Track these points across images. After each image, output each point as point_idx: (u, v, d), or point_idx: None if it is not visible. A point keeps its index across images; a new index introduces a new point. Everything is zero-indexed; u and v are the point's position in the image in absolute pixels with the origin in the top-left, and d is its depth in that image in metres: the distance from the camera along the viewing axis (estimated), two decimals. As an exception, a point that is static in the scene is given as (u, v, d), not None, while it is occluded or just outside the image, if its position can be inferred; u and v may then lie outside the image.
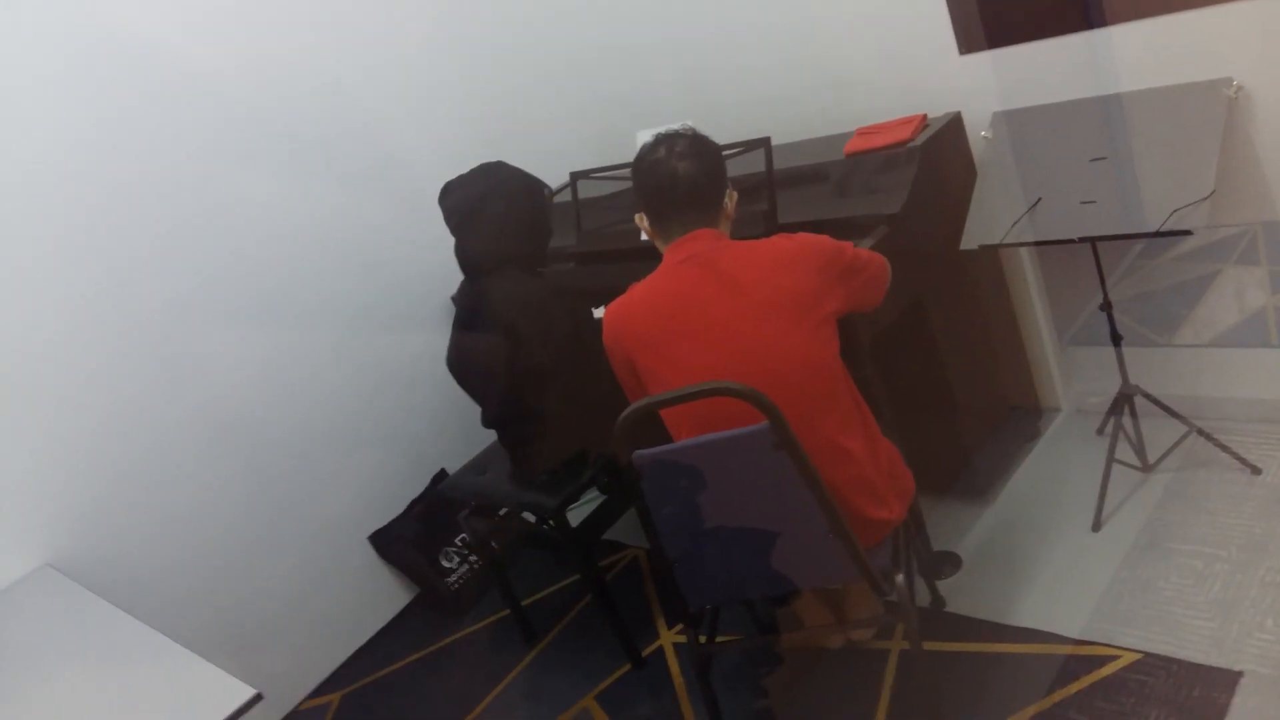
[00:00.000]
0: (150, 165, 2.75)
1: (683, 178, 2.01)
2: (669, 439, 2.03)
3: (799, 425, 1.78)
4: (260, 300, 2.97)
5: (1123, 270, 3.13)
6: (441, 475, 3.34)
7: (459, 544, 3.23)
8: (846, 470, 1.95)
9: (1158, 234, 2.24)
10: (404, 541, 3.16)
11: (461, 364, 2.55)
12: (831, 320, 1.98)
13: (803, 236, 2.02)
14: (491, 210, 2.39)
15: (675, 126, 2.69)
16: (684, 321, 1.96)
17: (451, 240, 2.51)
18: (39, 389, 2.54)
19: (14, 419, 2.50)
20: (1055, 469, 2.81)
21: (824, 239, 2.03)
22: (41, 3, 2.57)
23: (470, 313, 2.51)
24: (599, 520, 2.64)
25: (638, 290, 2.05)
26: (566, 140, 3.61)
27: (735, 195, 2.11)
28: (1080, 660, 2.20)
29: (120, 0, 2.70)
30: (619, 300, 2.08)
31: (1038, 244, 2.44)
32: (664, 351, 1.98)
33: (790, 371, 1.90)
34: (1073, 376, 3.02)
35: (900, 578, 2.02)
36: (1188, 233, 2.21)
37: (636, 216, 2.14)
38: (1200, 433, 2.59)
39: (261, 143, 2.98)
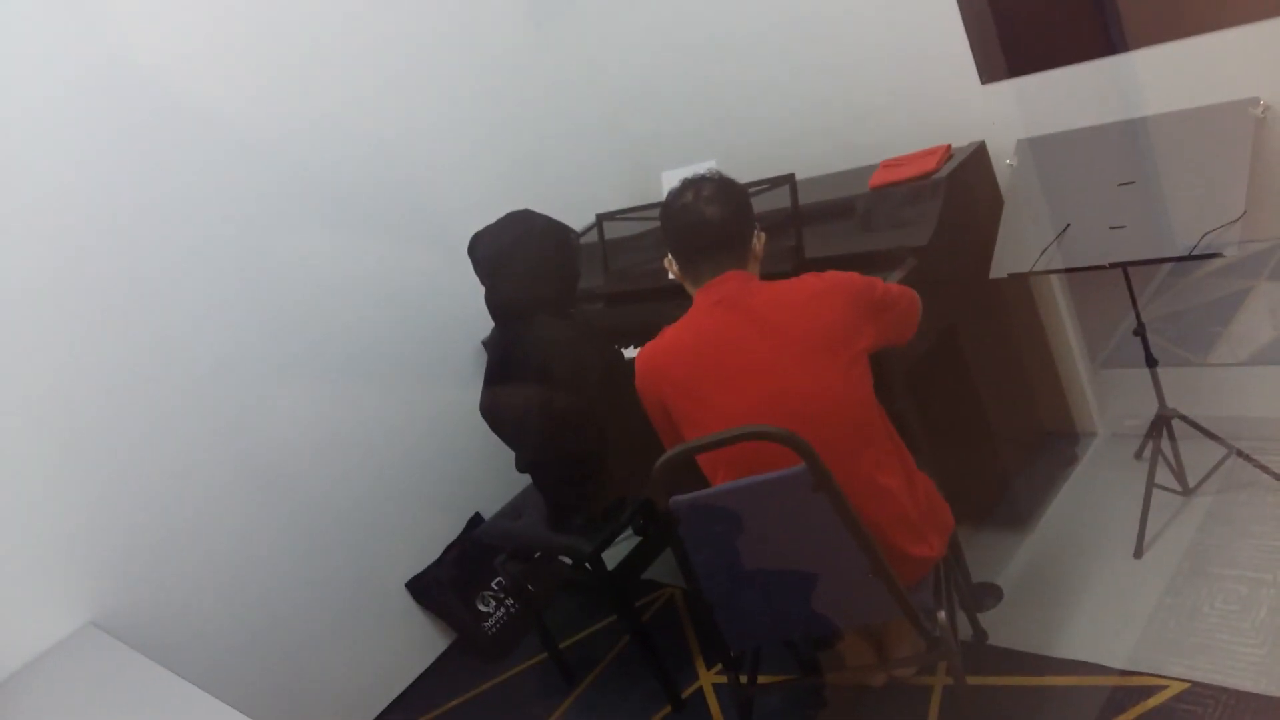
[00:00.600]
0: (200, 226, 2.82)
1: (711, 221, 2.02)
2: (705, 480, 2.04)
3: (835, 464, 1.77)
4: (300, 354, 3.00)
5: (1153, 289, 3.11)
6: (476, 519, 3.34)
7: (495, 587, 3.23)
8: (885, 508, 1.94)
9: (1190, 257, 2.23)
10: (440, 587, 3.16)
11: (495, 410, 2.56)
12: (864, 357, 1.98)
13: (832, 275, 2.02)
14: (521, 258, 2.41)
15: (700, 169, 2.72)
16: (717, 364, 1.96)
17: (481, 288, 2.53)
18: (81, 447, 2.57)
19: (56, 478, 2.53)
20: (1094, 495, 2.78)
21: (853, 276, 2.03)
22: (105, 77, 2.65)
23: (502, 359, 2.52)
24: (635, 562, 2.63)
25: (669, 334, 2.06)
26: (593, 183, 3.65)
27: (763, 236, 2.12)
28: (1127, 691, 2.16)
29: (181, 74, 2.80)
30: (651, 344, 2.08)
31: (1068, 271, 2.43)
32: (697, 394, 1.98)
33: (825, 410, 1.90)
34: (1107, 400, 2.99)
35: (942, 614, 2.00)
36: (1219, 255, 2.20)
37: (665, 260, 2.15)
38: (1240, 454, 2.55)
39: (303, 200, 3.03)
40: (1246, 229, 2.39)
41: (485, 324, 3.21)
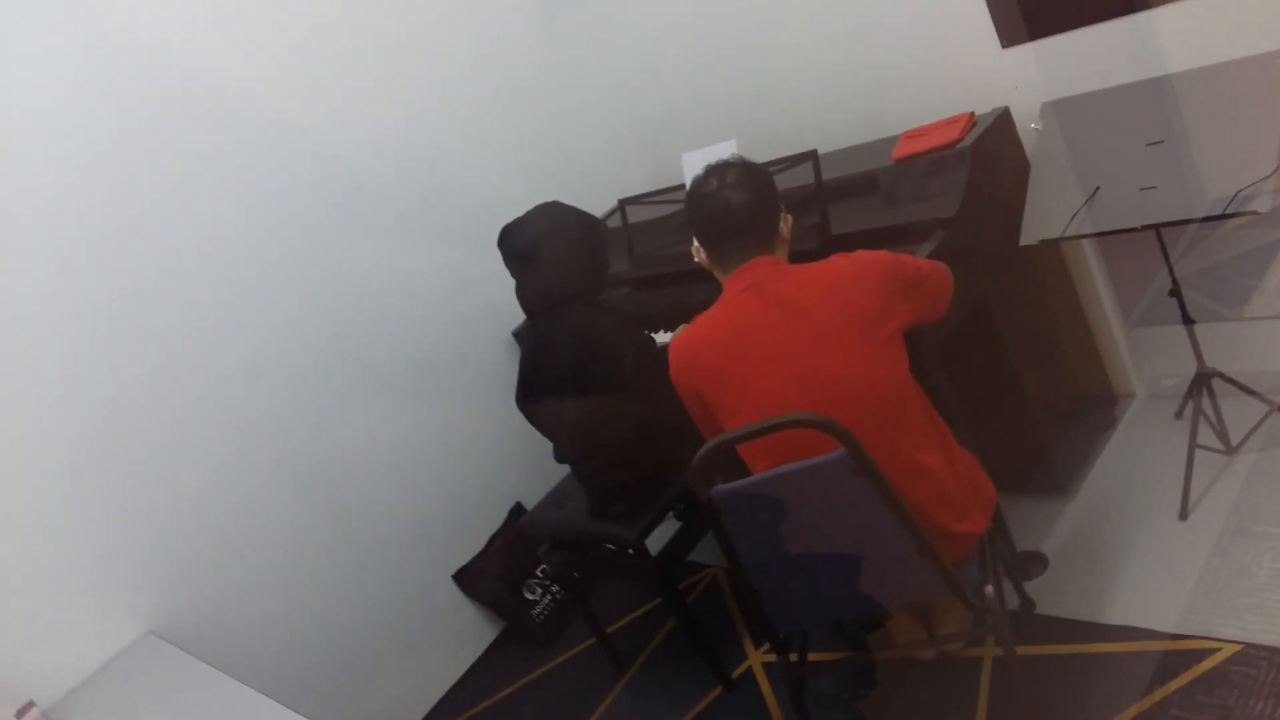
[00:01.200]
0: (264, 247, 2.91)
1: (737, 207, 2.02)
2: (743, 464, 2.05)
3: (874, 445, 1.77)
4: (339, 359, 3.04)
5: (1185, 244, 3.06)
6: (518, 508, 3.38)
7: (540, 575, 3.27)
8: (926, 487, 1.93)
9: (1223, 216, 2.20)
10: (487, 577, 3.21)
11: (531, 402, 2.58)
12: (898, 336, 1.97)
13: (861, 254, 2.01)
14: (550, 250, 2.41)
15: (720, 149, 2.72)
16: (750, 350, 1.96)
17: (509, 280, 2.55)
18: (124, 461, 2.62)
19: (110, 493, 2.59)
20: (1135, 457, 2.77)
21: (883, 254, 2.02)
22: (173, 95, 2.75)
23: (536, 352, 2.53)
24: (678, 547, 2.65)
25: (701, 322, 2.06)
26: (612, 166, 3.65)
27: (790, 219, 2.11)
28: (1179, 655, 2.16)
29: (236, 85, 2.89)
30: (683, 334, 2.08)
31: (1101, 235, 2.41)
32: (732, 382, 1.98)
33: (861, 392, 1.90)
34: (1144, 360, 2.96)
35: (989, 589, 2.00)
36: (1254, 213, 2.17)
37: (693, 248, 2.15)
38: (1282, 410, 2.53)
39: (341, 204, 3.08)
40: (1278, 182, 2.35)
41: (515, 316, 3.25)
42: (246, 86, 2.89)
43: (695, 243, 2.14)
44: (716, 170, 2.07)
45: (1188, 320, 2.51)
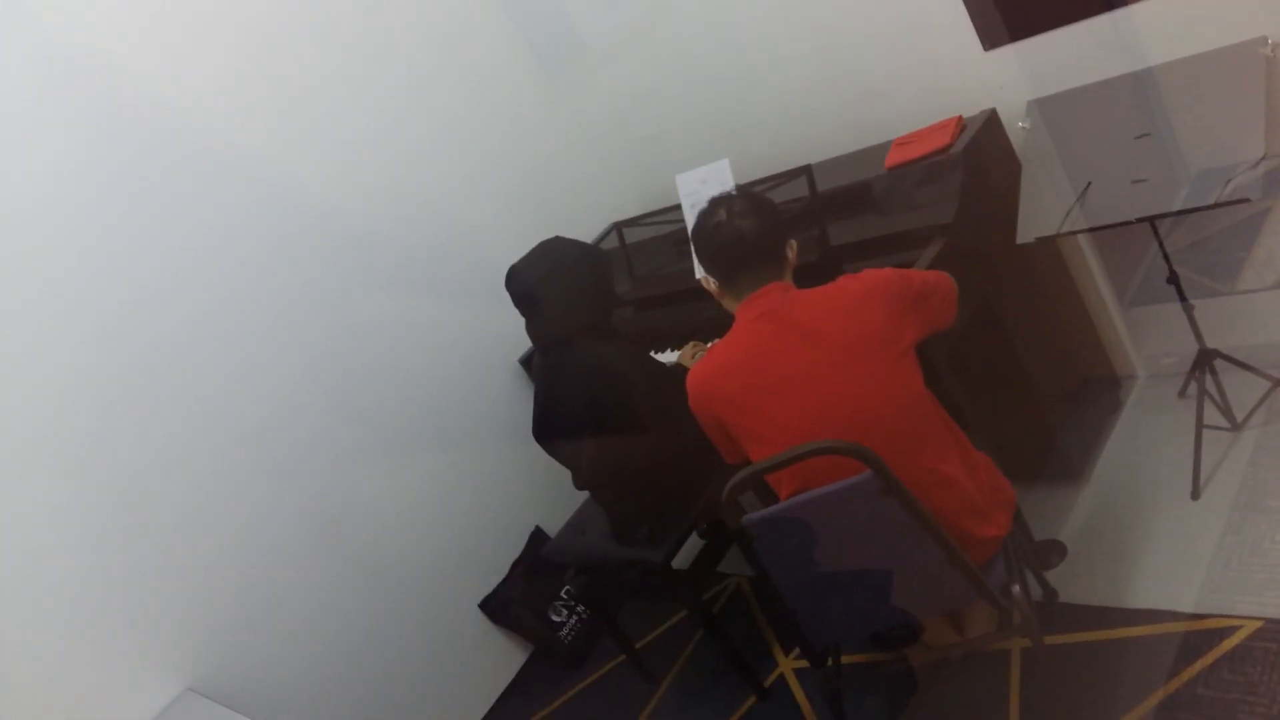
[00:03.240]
0: (253, 290, 2.94)
1: (746, 236, 2.05)
2: (768, 487, 2.09)
3: (897, 461, 1.82)
4: (343, 402, 3.06)
5: (1171, 221, 3.11)
6: (538, 532, 3.41)
7: (565, 596, 3.30)
8: (950, 496, 1.98)
9: (1216, 205, 2.25)
10: (513, 603, 3.24)
11: (548, 435, 2.62)
12: (911, 351, 2.01)
13: (868, 274, 2.06)
14: (556, 288, 2.44)
15: (714, 169, 2.76)
16: (768, 377, 2.00)
17: (512, 310, 2.58)
18: (152, 523, 2.65)
19: (138, 555, 2.62)
20: (1143, 439, 2.82)
21: (889, 273, 2.06)
22: (188, 156, 2.81)
23: (549, 386, 2.57)
24: (704, 565, 2.69)
25: (718, 352, 2.10)
26: (607, 189, 3.68)
27: (795, 244, 2.15)
28: (1202, 635, 2.20)
29: (243, 145, 2.94)
30: (700, 364, 2.12)
31: (1097, 229, 2.45)
32: (753, 409, 2.02)
33: (881, 411, 1.94)
34: (1142, 341, 3.01)
35: (1016, 588, 2.05)
36: (1246, 200, 2.22)
37: (701, 279, 2.19)
38: (1283, 385, 2.58)
39: (338, 248, 3.11)
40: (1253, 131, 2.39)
41: (520, 344, 3.28)
42: (245, 144, 2.91)
43: (701, 272, 2.17)
44: (722, 201, 2.11)
45: (1186, 305, 2.55)
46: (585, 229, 3.61)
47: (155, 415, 2.68)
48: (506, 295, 2.54)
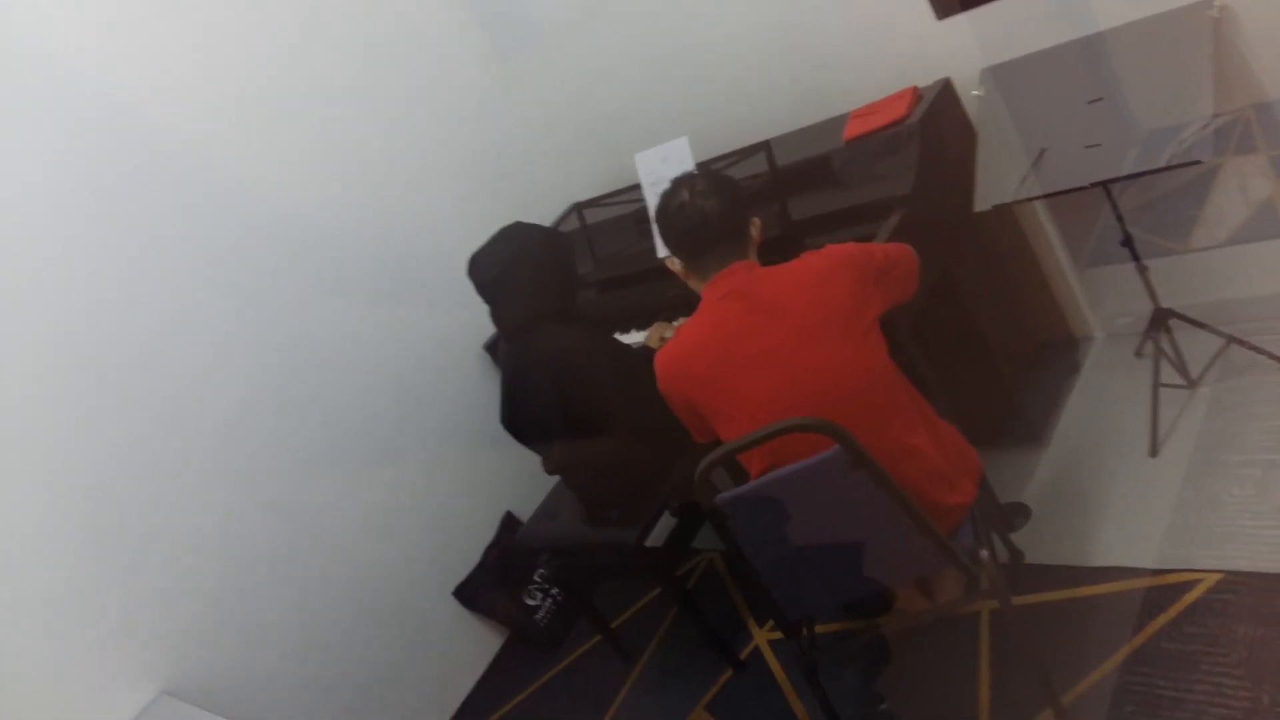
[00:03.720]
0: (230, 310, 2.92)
1: (710, 216, 2.05)
2: (739, 464, 2.11)
3: (865, 434, 1.84)
4: (306, 399, 3.04)
5: (1123, 182, 3.16)
6: (508, 517, 3.41)
7: (539, 579, 3.31)
8: (918, 466, 2.01)
9: (1169, 168, 2.28)
10: (487, 589, 3.25)
11: (517, 422, 2.62)
12: (875, 325, 2.03)
13: (830, 250, 2.07)
14: (520, 274, 2.43)
15: (672, 147, 2.75)
16: (737, 356, 2.01)
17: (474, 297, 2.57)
18: (121, 528, 2.62)
19: (109, 560, 2.60)
20: (1102, 399, 2.86)
21: (851, 247, 2.07)
22: (134, 162, 2.75)
23: (516, 373, 2.56)
24: (677, 543, 2.71)
25: (685, 332, 2.10)
26: (565, 170, 3.67)
27: (759, 221, 2.15)
28: (1164, 590, 2.26)
29: (196, 156, 2.88)
30: (668, 345, 2.13)
31: (1052, 195, 2.48)
32: (722, 388, 2.03)
33: (848, 386, 1.96)
34: (1098, 301, 3.05)
35: (984, 553, 2.09)
36: (1198, 162, 2.25)
37: (666, 260, 2.19)
38: (1236, 341, 2.62)
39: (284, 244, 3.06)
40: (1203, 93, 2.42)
41: (485, 330, 3.27)
42: (198, 144, 2.87)
43: (664, 252, 2.17)
44: (685, 181, 2.11)
45: (1141, 266, 2.59)
46: (544, 211, 3.59)
47: (120, 420, 2.64)
48: (468, 283, 2.53)
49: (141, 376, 2.69)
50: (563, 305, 2.51)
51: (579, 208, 3.20)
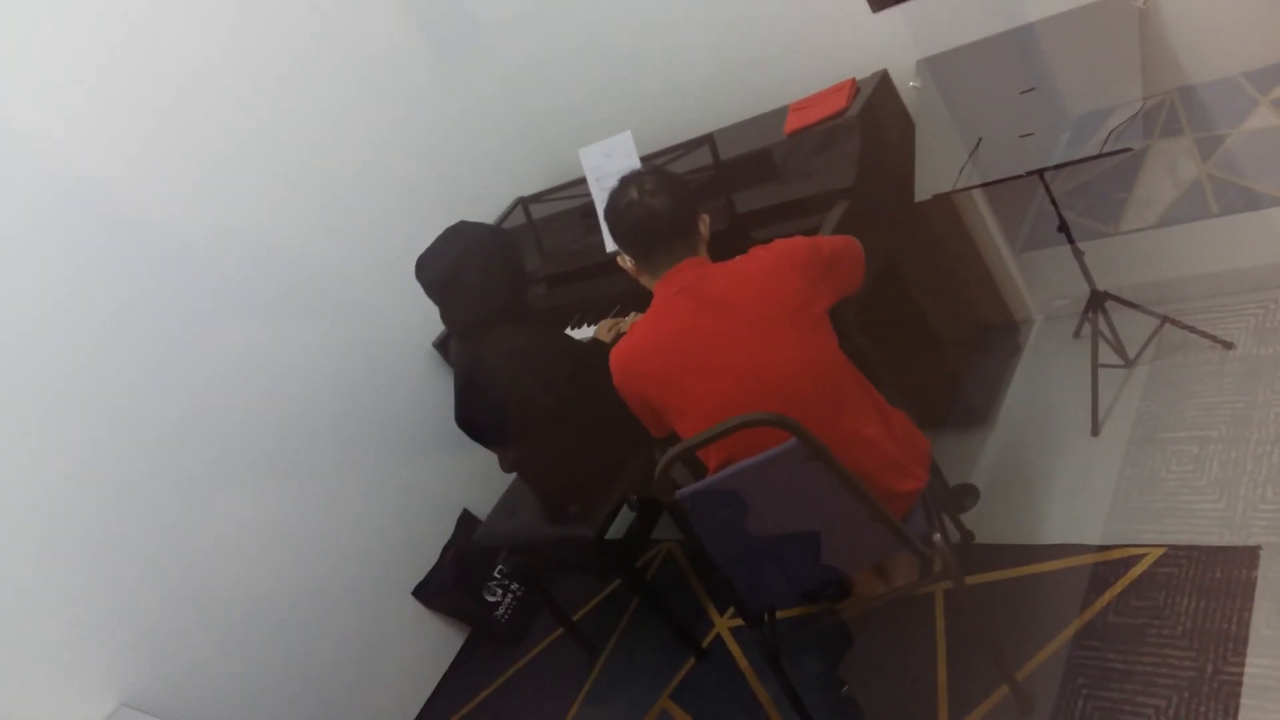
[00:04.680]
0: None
1: (660, 213, 2.08)
2: (697, 459, 2.14)
3: (819, 426, 1.88)
4: (257, 395, 3.01)
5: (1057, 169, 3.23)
6: (465, 515, 3.42)
7: (498, 576, 3.32)
8: (871, 455, 2.05)
9: (1101, 155, 2.35)
10: (446, 588, 3.25)
11: (472, 422, 2.62)
12: (825, 317, 2.07)
13: (778, 245, 2.10)
14: (468, 274, 2.43)
15: (615, 143, 2.77)
16: (690, 354, 2.04)
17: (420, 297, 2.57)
18: (72, 540, 2.60)
19: (65, 573, 2.57)
20: (1043, 380, 2.94)
21: (798, 241, 2.11)
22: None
23: (469, 372, 2.56)
24: (637, 536, 2.74)
25: (639, 330, 2.12)
26: (508, 166, 3.66)
27: (708, 218, 2.18)
28: (1110, 565, 2.34)
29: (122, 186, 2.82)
30: (622, 344, 2.14)
31: (991, 184, 2.54)
32: (677, 385, 2.06)
33: (801, 379, 2.00)
34: (1035, 284, 3.13)
35: (937, 536, 2.14)
36: (1129, 150, 2.32)
37: (617, 257, 2.21)
38: (1170, 321, 2.70)
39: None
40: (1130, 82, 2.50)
41: (433, 328, 3.26)
42: (137, 156, 2.83)
43: (611, 245, 2.18)
44: (633, 180, 2.13)
45: (1077, 251, 2.66)
46: (488, 206, 3.59)
47: (69, 433, 2.62)
48: (414, 284, 2.53)
49: (88, 389, 2.65)
50: (513, 303, 2.51)
51: (524, 203, 3.20)
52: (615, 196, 2.14)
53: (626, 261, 2.19)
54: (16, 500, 2.51)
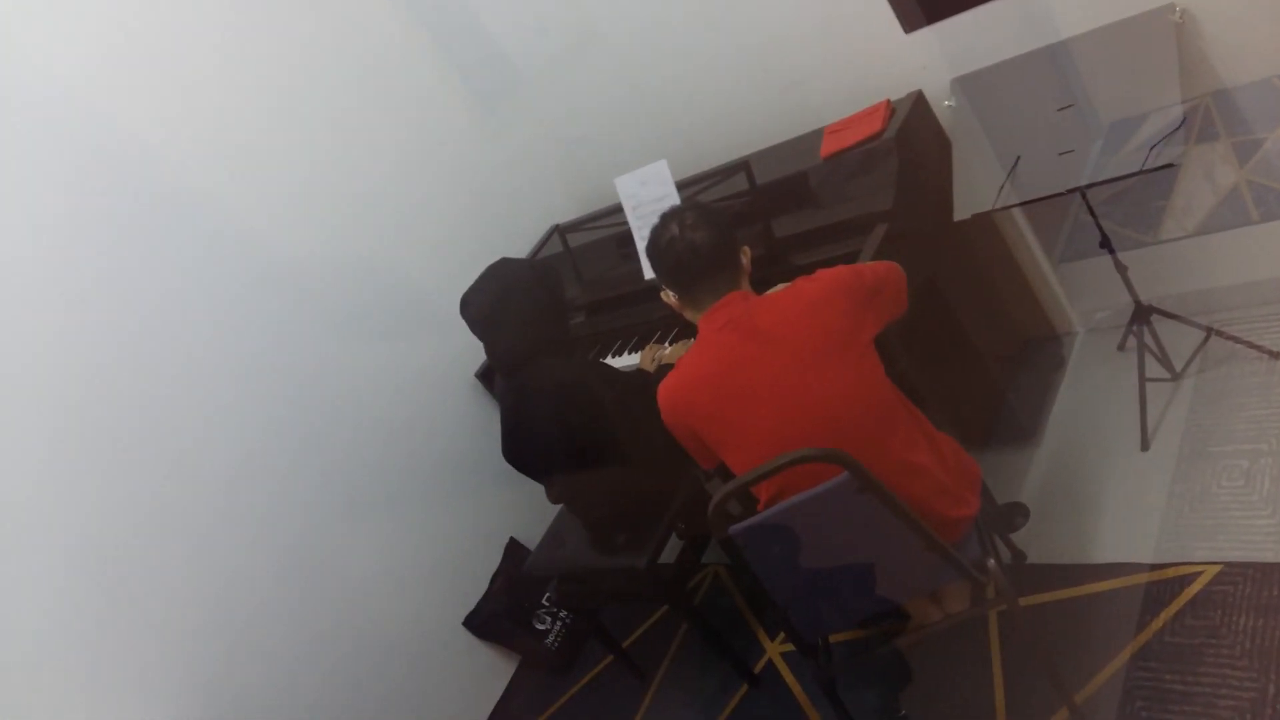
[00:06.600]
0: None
1: (702, 248, 2.08)
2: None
3: (869, 457, 1.88)
4: (308, 433, 3.05)
5: (1090, 176, 3.21)
6: (512, 543, 3.43)
7: (547, 603, 3.34)
8: (922, 483, 2.05)
9: (1143, 172, 2.33)
10: (496, 617, 3.27)
11: (519, 456, 2.64)
12: (870, 346, 2.07)
13: (822, 275, 2.10)
14: (512, 311, 2.44)
15: (651, 171, 2.78)
16: (737, 387, 2.04)
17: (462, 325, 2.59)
18: (137, 582, 2.65)
19: (124, 616, 2.62)
20: (1088, 394, 2.91)
21: (842, 271, 2.11)
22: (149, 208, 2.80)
23: (515, 407, 2.58)
24: (686, 564, 2.74)
25: (686, 365, 2.13)
26: (543, 192, 3.68)
27: (749, 250, 2.19)
28: (1165, 584, 2.30)
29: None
30: (670, 378, 2.15)
31: (1030, 203, 2.53)
32: (726, 420, 2.06)
33: (850, 410, 2.00)
34: (1076, 296, 3.10)
35: (991, 562, 2.13)
36: (1171, 165, 2.30)
37: (661, 293, 2.22)
38: (1216, 332, 2.67)
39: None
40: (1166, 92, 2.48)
41: (475, 358, 3.29)
42: (198, 195, 2.90)
43: (650, 274, 2.19)
44: (674, 215, 2.14)
45: (1118, 263, 2.64)
46: (524, 235, 3.62)
47: (128, 479, 2.66)
48: (456, 318, 2.55)
49: (148, 434, 2.70)
50: (556, 335, 2.52)
51: (559, 230, 3.22)
52: (656, 233, 2.15)
53: (670, 296, 2.20)
54: (85, 544, 2.57)
